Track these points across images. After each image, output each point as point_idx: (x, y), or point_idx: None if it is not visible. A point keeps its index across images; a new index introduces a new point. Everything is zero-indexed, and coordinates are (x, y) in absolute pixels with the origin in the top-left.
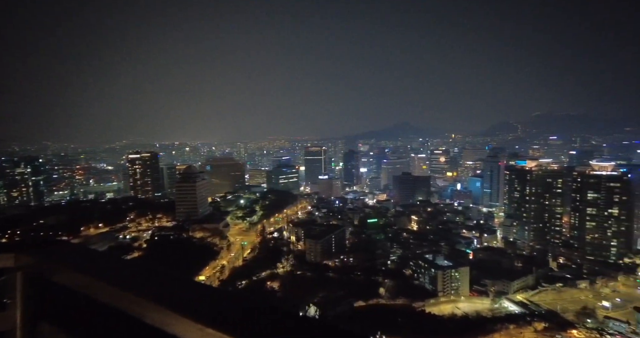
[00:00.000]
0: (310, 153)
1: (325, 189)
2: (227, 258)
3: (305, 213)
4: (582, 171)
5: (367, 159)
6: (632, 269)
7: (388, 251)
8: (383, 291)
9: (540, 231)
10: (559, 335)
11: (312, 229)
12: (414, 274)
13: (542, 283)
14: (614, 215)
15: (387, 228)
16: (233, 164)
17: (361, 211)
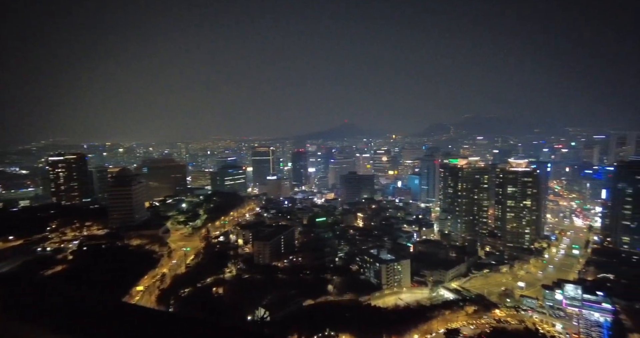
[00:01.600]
0: (258, 153)
1: (274, 190)
2: (168, 265)
3: (254, 215)
4: (503, 168)
5: (315, 159)
6: (540, 252)
7: (336, 249)
8: (331, 289)
9: (470, 223)
10: (485, 315)
11: (260, 231)
12: (360, 269)
13: (472, 270)
14: (527, 206)
15: (335, 226)
16: (173, 165)
17: (310, 210)
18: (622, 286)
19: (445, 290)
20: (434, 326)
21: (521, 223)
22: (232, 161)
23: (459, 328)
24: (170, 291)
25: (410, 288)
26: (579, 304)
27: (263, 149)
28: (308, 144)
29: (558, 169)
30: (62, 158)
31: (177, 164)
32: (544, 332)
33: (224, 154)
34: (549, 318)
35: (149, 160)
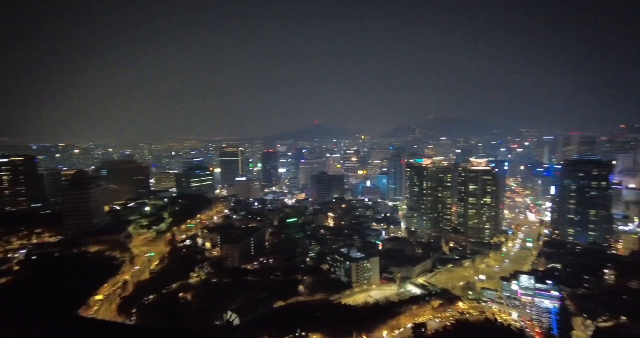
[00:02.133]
0: (226, 154)
1: (243, 191)
2: (130, 272)
3: (222, 217)
4: (465, 167)
5: (285, 159)
6: (498, 246)
7: (307, 249)
8: (302, 289)
9: (435, 220)
10: (450, 308)
11: (229, 233)
12: (331, 268)
13: (437, 265)
14: (487, 202)
15: (306, 226)
16: (135, 167)
17: (280, 211)
18: (567, 275)
19: (413, 285)
20: (402, 321)
21: (482, 219)
22: (199, 162)
23: (426, 322)
24: (133, 298)
25: (380, 285)
26: (532, 293)
27: (231, 150)
28: (278, 144)
29: (514, 168)
30: (7, 160)
31: (139, 165)
32: (501, 321)
33: (190, 154)
34: (506, 307)
35: (108, 162)
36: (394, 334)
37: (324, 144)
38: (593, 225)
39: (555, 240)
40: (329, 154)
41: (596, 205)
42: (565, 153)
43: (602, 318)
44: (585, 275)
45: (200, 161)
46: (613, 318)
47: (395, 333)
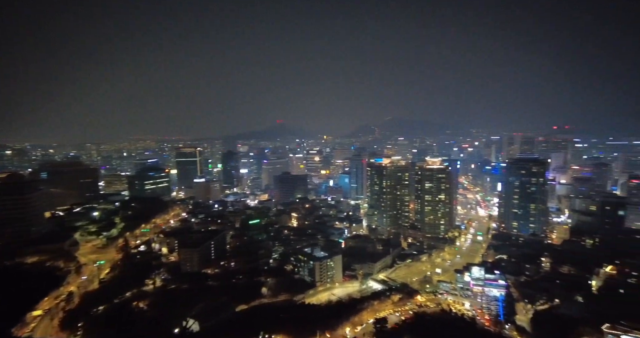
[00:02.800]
0: (183, 155)
1: (203, 193)
2: (76, 283)
3: (180, 221)
4: (421, 166)
5: (247, 159)
6: (453, 241)
7: (270, 250)
8: (265, 291)
9: (394, 217)
10: (409, 302)
11: (187, 237)
12: (294, 269)
13: (397, 261)
14: (442, 199)
15: (269, 227)
16: (81, 169)
17: (242, 213)
18: (512, 264)
19: (374, 281)
20: (364, 317)
21: (437, 215)
22: (153, 163)
23: (386, 316)
24: (79, 311)
25: (343, 283)
26: (482, 283)
27: (189, 150)
28: (239, 144)
29: (465, 166)
30: None
31: (86, 167)
32: (456, 311)
33: (144, 155)
34: (460, 298)
35: (49, 164)
36: (357, 330)
37: (287, 144)
38: (533, 218)
39: (502, 232)
40: (292, 154)
41: (535, 200)
42: (509, 152)
43: (540, 302)
44: (526, 264)
45: (155, 162)
46: (549, 301)
47: (357, 330)
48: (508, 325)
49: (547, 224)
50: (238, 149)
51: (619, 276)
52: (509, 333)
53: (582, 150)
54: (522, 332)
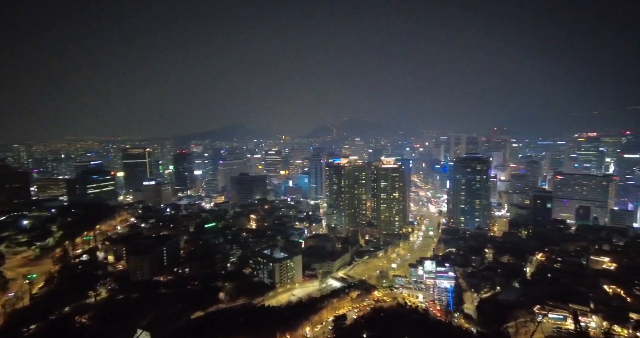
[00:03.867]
0: (130, 156)
1: (153, 197)
2: (2, 300)
3: (128, 226)
4: (376, 165)
5: (201, 160)
6: (407, 236)
7: (228, 254)
8: (223, 296)
9: (352, 216)
10: (367, 298)
11: (136, 243)
12: (254, 271)
13: (355, 258)
14: (396, 197)
15: (227, 230)
16: (8, 173)
17: (197, 216)
18: (460, 257)
19: (334, 279)
20: (324, 315)
21: (392, 212)
22: (97, 166)
23: (345, 313)
24: (5, 332)
25: (303, 283)
26: (434, 276)
27: (137, 151)
28: (193, 145)
29: (417, 165)
30: None
31: (13, 171)
32: (410, 304)
33: (85, 157)
34: (414, 291)
35: None
36: (316, 329)
37: (244, 144)
38: (478, 213)
39: (451, 227)
40: (250, 154)
41: (479, 196)
42: (456, 151)
43: (484, 290)
44: (473, 256)
45: (98, 164)
46: (491, 289)
47: (317, 329)
48: (457, 313)
49: (490, 218)
50: (191, 149)
51: (547, 262)
52: (458, 321)
53: (517, 149)
54: (469, 319)
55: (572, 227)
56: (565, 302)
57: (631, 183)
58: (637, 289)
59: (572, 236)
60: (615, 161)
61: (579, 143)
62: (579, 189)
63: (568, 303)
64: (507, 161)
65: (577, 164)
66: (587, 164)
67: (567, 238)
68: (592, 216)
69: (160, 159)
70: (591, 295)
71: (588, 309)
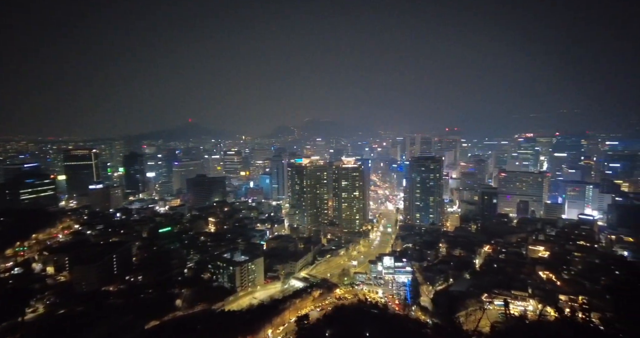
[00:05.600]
0: (73, 158)
1: (100, 201)
2: None
3: (71, 234)
4: (338, 165)
5: (155, 162)
6: (367, 234)
7: (185, 259)
8: (180, 303)
9: (315, 215)
10: (329, 296)
11: (82, 252)
12: (213, 276)
13: (317, 257)
14: (357, 196)
15: (183, 235)
16: None
17: (151, 220)
18: (416, 252)
19: (296, 279)
20: (287, 316)
21: (353, 211)
22: (33, 168)
23: (308, 313)
24: None
25: (264, 285)
26: (392, 271)
27: (81, 152)
28: (145, 145)
29: (376, 165)
30: None
31: None
32: (370, 299)
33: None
34: (374, 287)
35: None
36: (279, 331)
37: (201, 144)
38: (432, 209)
39: (407, 224)
40: (208, 155)
41: (433, 193)
42: (411, 151)
43: (439, 283)
44: (428, 250)
45: (34, 166)
46: (445, 282)
47: (279, 330)
48: (414, 306)
49: (443, 214)
50: (143, 150)
51: (493, 253)
52: (415, 314)
53: (467, 149)
54: (425, 311)
55: (514, 220)
56: (508, 289)
57: (560, 179)
58: (565, 273)
59: (514, 229)
60: (548, 159)
61: (518, 143)
62: (519, 185)
63: (510, 290)
64: (458, 160)
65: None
66: (526, 162)
67: (509, 231)
68: (530, 209)
69: (108, 161)
70: (529, 281)
71: (526, 294)
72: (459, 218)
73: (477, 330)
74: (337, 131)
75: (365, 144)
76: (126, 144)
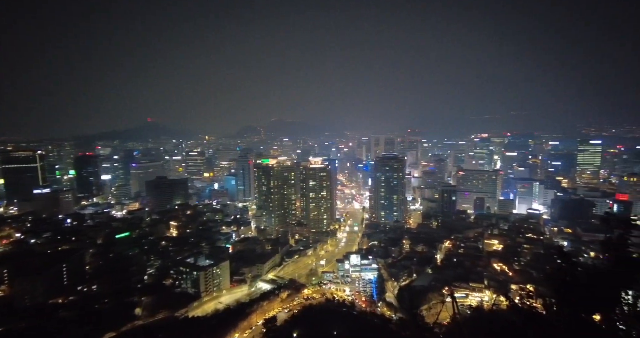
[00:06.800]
0: (13, 160)
1: (48, 207)
2: None
3: (11, 244)
4: (305, 166)
5: (110, 164)
6: (334, 233)
7: (145, 265)
8: (139, 312)
9: (282, 216)
10: (297, 297)
11: (24, 263)
12: (175, 282)
13: (285, 259)
14: (324, 196)
15: (143, 240)
16: None
17: (107, 226)
18: (381, 249)
19: (263, 282)
20: (254, 320)
21: (320, 210)
22: None
23: (276, 315)
24: None
25: (230, 289)
26: (359, 269)
27: (23, 154)
28: (99, 146)
29: (342, 165)
30: None
31: None
32: (338, 298)
33: None
34: (341, 285)
35: None
36: (245, 335)
37: (161, 145)
38: (396, 207)
39: (373, 222)
40: (169, 156)
41: (397, 192)
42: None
43: (403, 279)
44: (392, 247)
45: None
46: (409, 277)
47: (246, 334)
48: (380, 303)
49: (406, 211)
50: (97, 151)
51: (453, 248)
52: (381, 310)
53: (428, 149)
54: (390, 307)
55: (472, 216)
56: (467, 282)
57: (512, 177)
58: (516, 264)
59: (471, 224)
60: (501, 158)
61: (474, 143)
62: (476, 183)
63: (468, 283)
64: (419, 160)
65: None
66: (481, 161)
67: (468, 226)
68: (485, 205)
69: (57, 163)
70: (485, 273)
71: (483, 285)
72: (421, 215)
73: (437, 323)
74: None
75: (332, 144)
76: (78, 145)
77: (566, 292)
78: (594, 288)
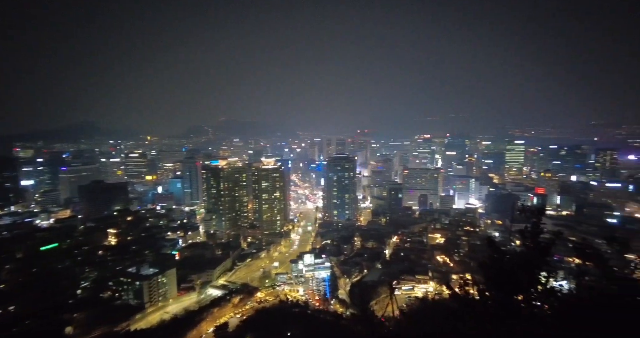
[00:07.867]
0: None
1: None
2: None
3: None
4: (257, 166)
5: (33, 167)
6: (288, 234)
7: (78, 278)
8: (71, 330)
9: (233, 219)
10: (249, 301)
11: None
12: (115, 294)
13: (237, 263)
14: (277, 197)
15: (75, 251)
16: None
17: (29, 237)
18: (334, 247)
19: (214, 288)
20: (204, 328)
21: (274, 212)
22: None
23: (227, 321)
24: None
25: (178, 298)
26: (313, 268)
27: None
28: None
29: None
30: None
31: None
32: (292, 298)
33: None
34: (295, 286)
35: None
36: None
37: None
38: (347, 206)
39: (326, 221)
40: (105, 158)
41: (348, 191)
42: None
43: (354, 275)
44: (344, 245)
45: None
46: (360, 273)
47: None
48: (333, 300)
49: (357, 210)
50: (15, 154)
51: (400, 243)
52: (334, 307)
53: (376, 149)
54: (342, 303)
55: (417, 212)
56: (413, 275)
57: (451, 174)
58: (456, 256)
59: (416, 220)
60: (441, 157)
61: (418, 143)
62: (420, 180)
63: (414, 275)
64: (369, 159)
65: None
66: (425, 160)
67: (413, 222)
68: (429, 202)
69: None
70: (429, 265)
71: (427, 277)
72: (371, 213)
73: (384, 315)
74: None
75: (285, 145)
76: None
77: (494, 278)
78: (515, 273)
